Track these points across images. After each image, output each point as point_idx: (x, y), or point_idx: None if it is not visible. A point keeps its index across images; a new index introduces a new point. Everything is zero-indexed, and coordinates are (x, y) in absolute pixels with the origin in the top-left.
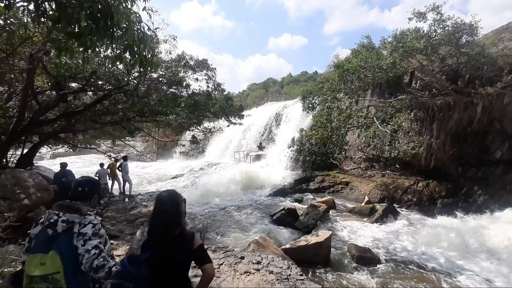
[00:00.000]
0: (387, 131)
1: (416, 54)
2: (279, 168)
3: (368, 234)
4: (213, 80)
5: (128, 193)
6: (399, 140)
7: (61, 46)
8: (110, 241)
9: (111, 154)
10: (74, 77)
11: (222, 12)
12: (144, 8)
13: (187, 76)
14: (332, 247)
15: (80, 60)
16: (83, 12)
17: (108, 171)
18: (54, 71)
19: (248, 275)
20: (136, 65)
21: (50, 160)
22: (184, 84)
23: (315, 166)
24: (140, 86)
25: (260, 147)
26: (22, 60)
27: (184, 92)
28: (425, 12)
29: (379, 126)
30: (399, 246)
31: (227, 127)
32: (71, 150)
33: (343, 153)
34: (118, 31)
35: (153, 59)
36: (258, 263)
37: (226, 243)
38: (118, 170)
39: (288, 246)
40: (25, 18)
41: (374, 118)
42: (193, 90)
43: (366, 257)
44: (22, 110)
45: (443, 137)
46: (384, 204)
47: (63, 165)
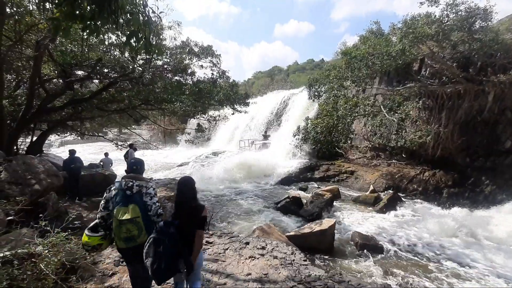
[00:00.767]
0: (394, 120)
1: (427, 41)
2: (284, 157)
3: (372, 223)
4: (218, 67)
5: None
6: (406, 129)
7: (58, 26)
8: None
9: (118, 142)
10: (80, 65)
11: None
12: None
13: (192, 63)
14: (336, 235)
15: (86, 48)
16: None
17: (112, 160)
18: (60, 59)
19: (253, 260)
20: (142, 51)
21: (60, 148)
22: (189, 72)
23: (320, 155)
24: (145, 74)
25: (265, 136)
26: (29, 48)
27: (189, 80)
28: None
29: (386, 115)
30: (403, 235)
31: (232, 115)
32: (79, 138)
33: (349, 142)
34: (123, 15)
35: (159, 45)
36: (263, 249)
37: (232, 230)
38: (125, 158)
39: (293, 233)
40: (30, 6)
41: (381, 107)
42: (198, 78)
43: (370, 245)
44: (30, 98)
45: (452, 126)
46: (389, 193)
47: (72, 152)
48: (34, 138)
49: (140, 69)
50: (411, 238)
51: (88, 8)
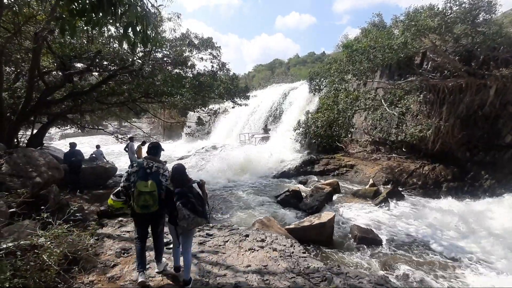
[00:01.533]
0: (395, 114)
1: (429, 33)
2: (284, 151)
3: (372, 216)
4: (218, 60)
5: None
6: (407, 123)
7: (64, 25)
8: None
9: (118, 135)
10: (79, 57)
11: None
12: None
13: (192, 56)
14: (335, 228)
15: (85, 40)
16: None
17: (102, 152)
18: (59, 51)
19: (252, 252)
20: (139, 44)
21: (60, 141)
22: (189, 64)
23: (321, 149)
24: (145, 66)
25: (266, 130)
26: (28, 40)
27: (189, 73)
28: None
29: (387, 109)
30: (402, 228)
31: (233, 109)
32: (80, 131)
33: (349, 136)
34: (121, 8)
35: (157, 37)
36: (262, 241)
37: (231, 222)
38: (125, 151)
39: (292, 226)
40: None
41: (382, 100)
42: (198, 71)
43: (368, 238)
44: (30, 90)
45: (453, 121)
46: (389, 187)
47: (72, 145)
48: (34, 131)
49: (140, 62)
50: (410, 232)
51: (88, 1)
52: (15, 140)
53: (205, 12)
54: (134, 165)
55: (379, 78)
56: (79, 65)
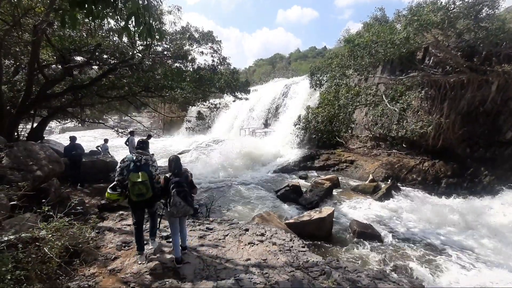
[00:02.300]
0: (396, 110)
1: (432, 29)
2: (285, 146)
3: (371, 211)
4: (219, 54)
5: None
6: (408, 119)
7: (65, 17)
8: None
9: (119, 129)
10: (79, 50)
11: None
12: None
13: (192, 50)
14: (334, 223)
15: (84, 33)
16: None
17: (108, 147)
18: (59, 44)
19: (252, 246)
20: (143, 35)
21: (60, 134)
22: (189, 58)
23: (321, 144)
24: (145, 60)
25: (266, 125)
26: (27, 33)
27: (190, 67)
28: None
29: (388, 104)
30: (401, 224)
31: (233, 103)
32: (80, 125)
33: (350, 132)
34: None
35: (161, 28)
36: (262, 235)
37: (231, 216)
38: (126, 145)
39: (292, 221)
40: None
41: (383, 96)
42: (198, 65)
43: (367, 233)
44: (29, 84)
45: (454, 117)
46: (388, 183)
47: (73, 139)
48: (35, 125)
49: (140, 55)
50: (409, 227)
51: None
52: (15, 134)
53: (206, 5)
54: (125, 160)
55: (381, 74)
56: (79, 59)
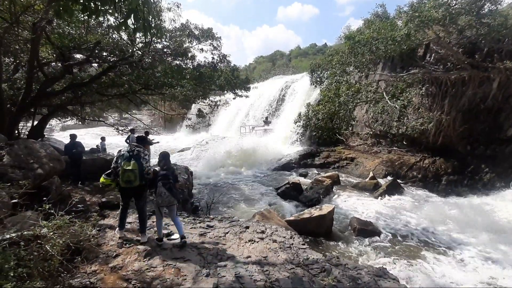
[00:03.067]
0: (396, 107)
1: (433, 25)
2: (285, 143)
3: (371, 209)
4: (219, 51)
5: None
6: (408, 116)
7: (60, 8)
8: None
9: (119, 127)
10: (79, 48)
11: None
12: None
13: (192, 47)
14: (335, 220)
15: (84, 30)
16: None
17: (105, 144)
18: (58, 42)
19: (253, 243)
20: (140, 31)
21: (61, 132)
22: (189, 55)
23: (321, 142)
24: (145, 57)
25: (266, 122)
26: (26, 30)
27: (190, 64)
28: None
29: (389, 102)
30: (401, 221)
31: (234, 100)
32: (80, 123)
33: (350, 129)
34: None
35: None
36: (262, 233)
37: (232, 214)
38: (126, 143)
39: (292, 218)
40: None
41: (384, 93)
42: (198, 62)
43: (367, 230)
44: (29, 82)
45: (454, 114)
46: (389, 180)
47: (73, 137)
48: (35, 123)
49: (140, 53)
50: (409, 224)
51: None
52: (16, 132)
53: (206, 3)
54: (121, 151)
55: (381, 71)
56: (79, 56)
